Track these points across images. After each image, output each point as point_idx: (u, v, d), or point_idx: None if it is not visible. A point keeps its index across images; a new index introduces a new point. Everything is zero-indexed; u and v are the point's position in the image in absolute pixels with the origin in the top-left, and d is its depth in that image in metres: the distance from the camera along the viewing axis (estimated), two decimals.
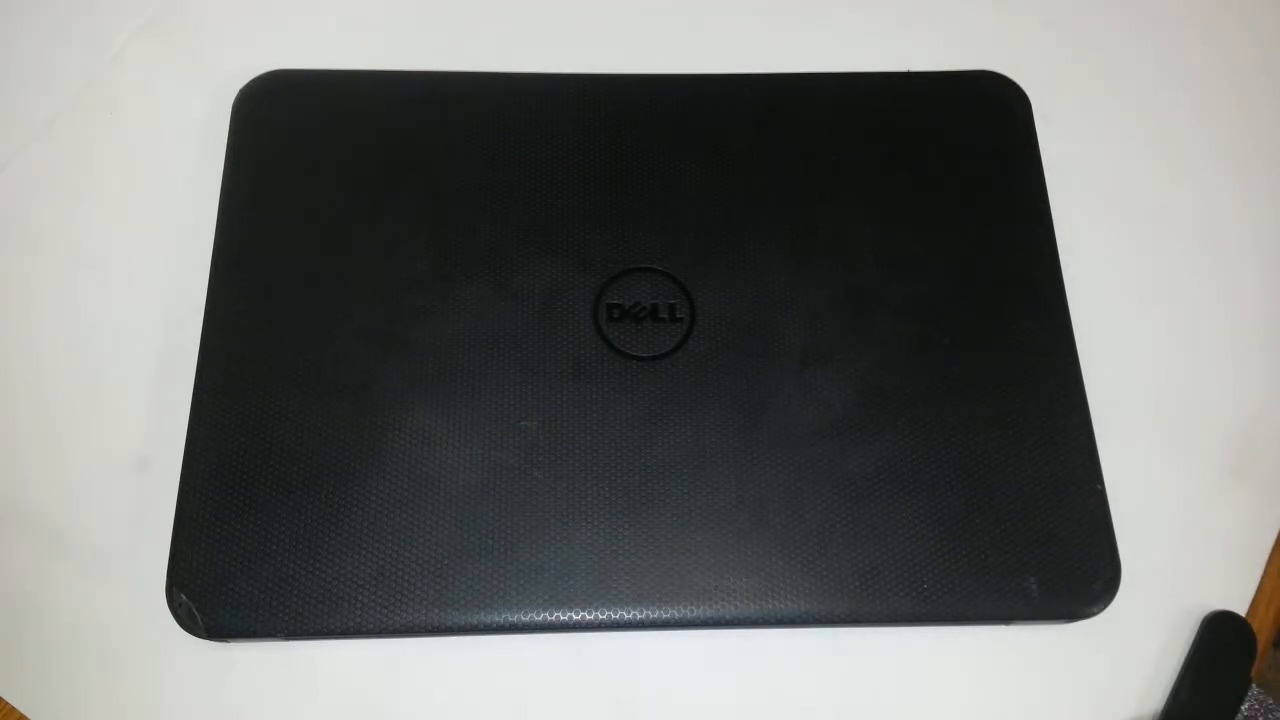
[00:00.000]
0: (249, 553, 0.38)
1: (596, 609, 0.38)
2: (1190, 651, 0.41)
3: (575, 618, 0.38)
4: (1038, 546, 0.39)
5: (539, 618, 0.38)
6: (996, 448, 0.41)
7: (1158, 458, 0.44)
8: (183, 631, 0.38)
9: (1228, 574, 0.42)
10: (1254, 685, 0.39)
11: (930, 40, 0.51)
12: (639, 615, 0.38)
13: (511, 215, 0.44)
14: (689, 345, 0.42)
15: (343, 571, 0.38)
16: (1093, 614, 0.39)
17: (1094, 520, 0.40)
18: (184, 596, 0.38)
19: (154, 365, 0.43)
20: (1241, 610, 0.42)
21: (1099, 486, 0.40)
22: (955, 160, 0.46)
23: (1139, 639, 0.41)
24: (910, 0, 0.52)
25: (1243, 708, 0.39)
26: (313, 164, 0.45)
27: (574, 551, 0.39)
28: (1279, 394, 0.45)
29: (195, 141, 0.47)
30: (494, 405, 0.41)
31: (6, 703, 0.39)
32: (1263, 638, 0.41)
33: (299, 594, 0.38)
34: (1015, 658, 0.41)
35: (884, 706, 0.40)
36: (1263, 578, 0.42)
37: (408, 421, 0.40)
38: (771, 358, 0.42)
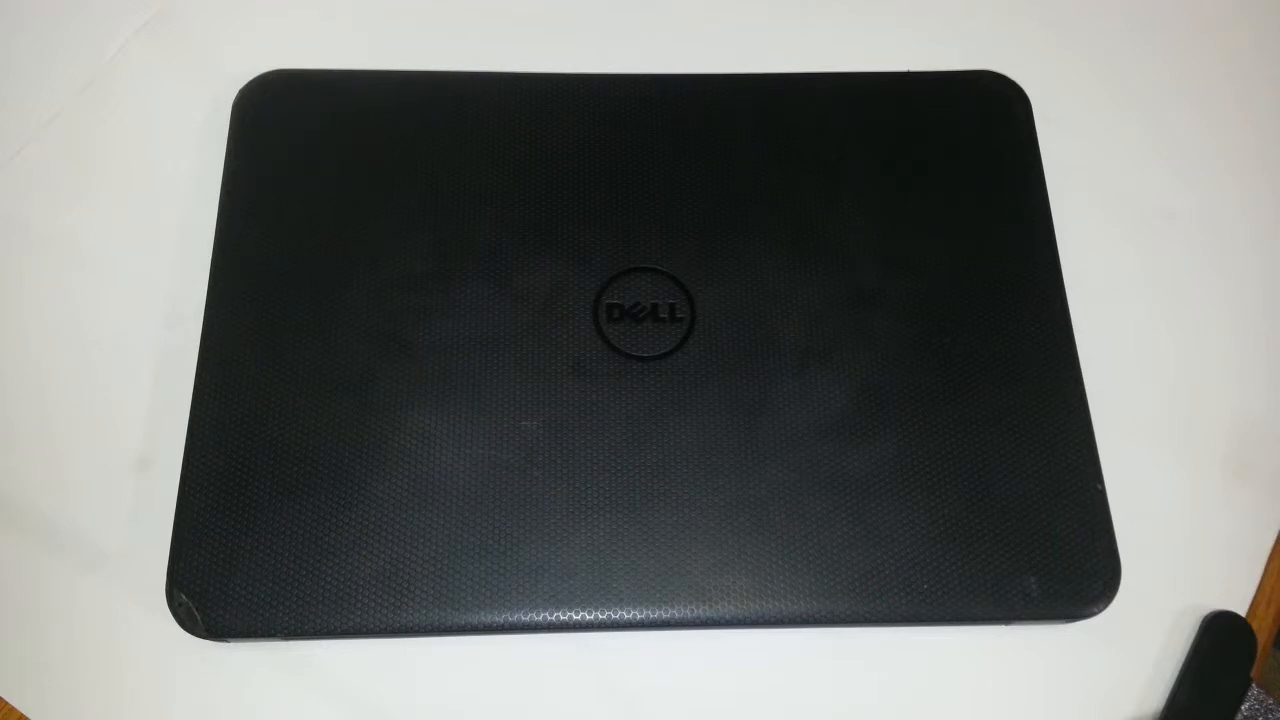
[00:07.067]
0: (249, 553, 0.38)
1: (597, 609, 0.38)
2: (1190, 651, 0.41)
3: (575, 617, 0.38)
4: (1038, 546, 0.39)
5: (539, 617, 0.38)
6: (996, 448, 0.41)
7: (1158, 457, 0.44)
8: (183, 631, 0.38)
9: (1228, 574, 0.42)
10: (1254, 685, 0.39)
11: (930, 40, 0.51)
12: (640, 615, 0.38)
13: (512, 215, 0.44)
14: (689, 345, 0.42)
15: (343, 571, 0.38)
16: (1093, 614, 0.39)
17: (1094, 520, 0.40)
18: (184, 596, 0.38)
19: (154, 365, 0.43)
20: (1241, 610, 0.42)
21: (1099, 486, 0.40)
22: (955, 160, 0.46)
23: (1139, 639, 0.41)
24: (910, 0, 0.52)
25: (1243, 708, 0.39)
26: (313, 164, 0.45)
27: (574, 551, 0.39)
28: (1279, 394, 0.45)
29: (195, 141, 0.48)
30: (494, 405, 0.41)
31: (7, 703, 0.39)
32: (1263, 638, 0.41)
33: (299, 594, 0.38)
34: (1015, 658, 0.41)
35: (884, 706, 0.40)
36: (1263, 578, 0.42)
37: (408, 421, 0.40)
38: (771, 358, 0.42)
